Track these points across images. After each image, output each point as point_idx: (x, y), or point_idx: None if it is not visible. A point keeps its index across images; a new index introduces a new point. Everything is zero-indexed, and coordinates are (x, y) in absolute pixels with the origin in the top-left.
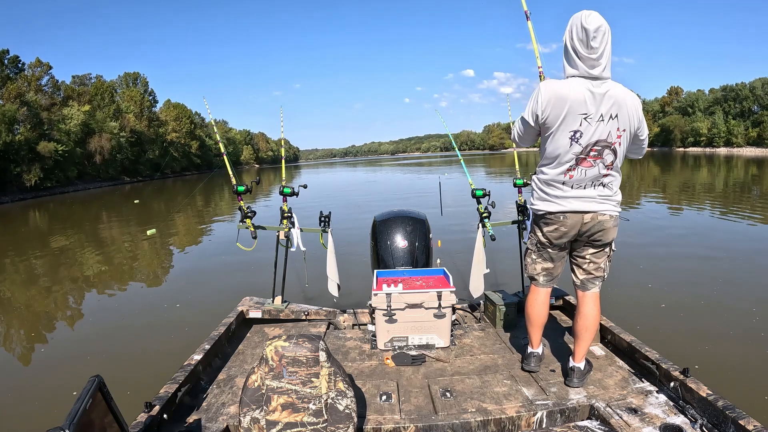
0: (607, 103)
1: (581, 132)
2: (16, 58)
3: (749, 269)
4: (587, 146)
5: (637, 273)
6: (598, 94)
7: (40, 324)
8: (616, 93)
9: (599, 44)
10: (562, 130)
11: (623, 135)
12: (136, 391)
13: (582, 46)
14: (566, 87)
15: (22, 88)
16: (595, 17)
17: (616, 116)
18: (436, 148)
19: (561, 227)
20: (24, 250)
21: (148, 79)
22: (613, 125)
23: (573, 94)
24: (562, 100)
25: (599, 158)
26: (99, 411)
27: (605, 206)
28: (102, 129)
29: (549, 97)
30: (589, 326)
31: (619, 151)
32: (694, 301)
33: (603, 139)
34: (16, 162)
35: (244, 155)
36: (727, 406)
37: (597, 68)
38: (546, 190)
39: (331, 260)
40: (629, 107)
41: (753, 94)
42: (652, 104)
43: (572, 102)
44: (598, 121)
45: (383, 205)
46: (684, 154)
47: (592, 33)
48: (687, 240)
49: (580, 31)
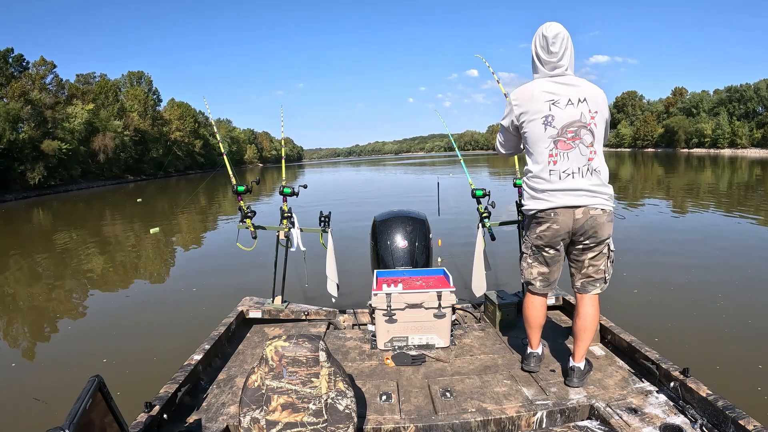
0: (573, 90)
1: (552, 115)
2: (21, 56)
3: (751, 269)
4: (562, 128)
5: (638, 273)
6: (563, 83)
7: (41, 323)
8: (580, 83)
9: (559, 48)
10: (534, 120)
11: (597, 116)
12: (136, 391)
13: (543, 51)
14: (531, 86)
15: (26, 86)
16: (554, 26)
17: (584, 99)
18: (440, 148)
19: (553, 224)
20: (27, 248)
21: (152, 78)
22: (584, 107)
23: (537, 88)
24: (530, 96)
25: (577, 138)
26: (99, 411)
27: (596, 200)
28: (106, 128)
29: (518, 98)
30: (587, 327)
31: (596, 132)
32: (695, 301)
33: (576, 119)
34: (20, 160)
35: (248, 154)
36: (727, 406)
37: (559, 69)
38: (535, 186)
39: (331, 260)
40: (596, 94)
41: (758, 95)
42: (656, 105)
43: (538, 93)
44: (567, 104)
45: (386, 203)
46: (688, 155)
47: (551, 39)
48: (689, 240)
49: (541, 39)
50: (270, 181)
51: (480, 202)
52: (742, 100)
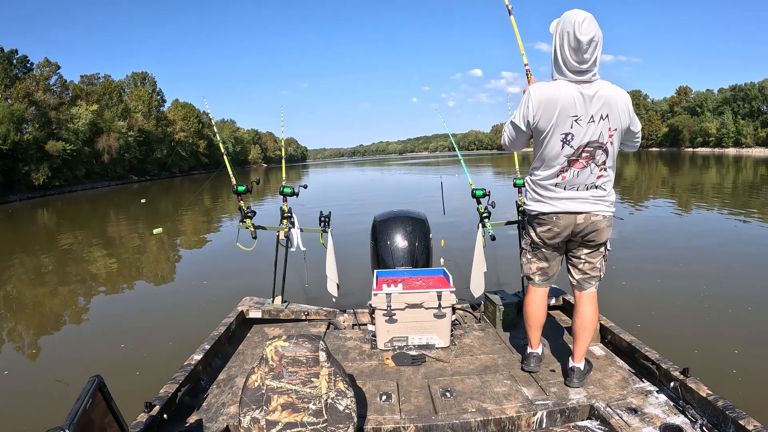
0: (597, 104)
1: (572, 134)
2: (25, 57)
3: (753, 270)
4: (579, 148)
5: (639, 273)
6: (587, 95)
7: (44, 322)
8: (605, 93)
9: (591, 56)
10: (553, 134)
11: (615, 134)
12: (136, 391)
13: (572, 54)
14: (556, 90)
15: (30, 87)
16: (586, 27)
17: (606, 116)
18: (444, 148)
19: (554, 227)
20: (31, 248)
21: (156, 78)
22: (604, 125)
23: (563, 97)
24: (553, 103)
25: (591, 159)
26: (99, 411)
27: (598, 206)
28: (110, 128)
29: (539, 100)
30: (587, 326)
31: (611, 151)
32: (695, 301)
33: (595, 140)
34: (24, 161)
35: (252, 155)
36: (727, 406)
37: (587, 74)
38: (539, 191)
39: (331, 260)
40: (619, 106)
41: (762, 94)
42: (660, 104)
43: (562, 105)
44: (588, 122)
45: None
46: (692, 155)
47: (584, 46)
48: (691, 240)
49: (572, 40)
50: (274, 181)
51: (480, 202)
52: (747, 99)
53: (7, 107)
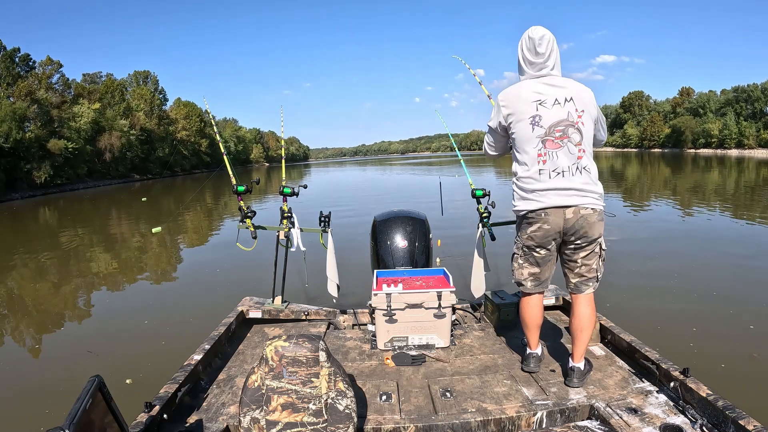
0: (560, 90)
1: (539, 115)
2: (27, 56)
3: (753, 270)
4: (550, 127)
5: (638, 273)
6: (549, 84)
7: (45, 321)
8: (566, 83)
9: (545, 49)
10: (522, 120)
11: (584, 115)
12: (136, 391)
13: (530, 53)
14: (518, 86)
15: (32, 86)
16: (539, 29)
17: (571, 99)
18: (446, 148)
19: (544, 225)
20: (33, 246)
21: (158, 77)
22: (571, 106)
23: (525, 88)
24: (517, 97)
25: (565, 137)
26: (99, 411)
27: (586, 200)
28: (112, 127)
29: (505, 99)
30: (584, 326)
31: (584, 131)
32: (695, 300)
33: (564, 118)
34: (26, 159)
35: (254, 154)
36: (727, 406)
37: (545, 69)
38: (524, 186)
39: (331, 260)
40: (582, 93)
41: (765, 95)
42: (663, 105)
43: (525, 94)
44: (554, 104)
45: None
46: (695, 156)
47: (537, 41)
48: (691, 241)
49: (527, 41)
50: (275, 181)
51: (480, 202)
52: (750, 100)
53: (9, 105)
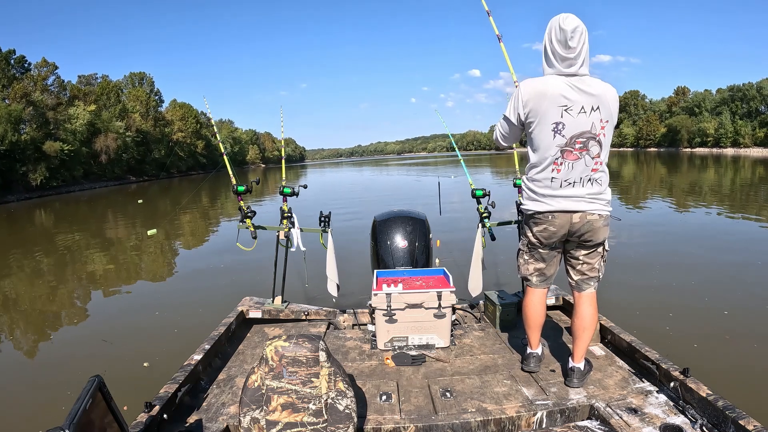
0: (588, 96)
1: (563, 123)
2: (23, 58)
3: (753, 269)
4: (572, 138)
5: (639, 273)
6: (577, 87)
7: (42, 322)
8: (595, 86)
9: (577, 44)
10: (544, 124)
11: (607, 126)
12: (136, 391)
13: (560, 46)
14: (545, 83)
15: (28, 87)
16: (572, 19)
17: (597, 108)
18: (442, 148)
19: (550, 227)
20: (29, 248)
21: (154, 78)
22: (596, 116)
23: (551, 89)
24: (542, 95)
25: (585, 150)
26: (99, 411)
27: (594, 206)
28: (108, 129)
29: (529, 93)
30: (586, 326)
31: (604, 143)
32: (696, 300)
33: (587, 130)
34: (22, 161)
35: (250, 155)
36: (727, 406)
37: (574, 66)
38: (535, 189)
39: (331, 260)
40: (609, 99)
41: (760, 94)
42: (658, 104)
43: (552, 95)
44: (579, 112)
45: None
46: (691, 155)
47: (569, 33)
48: (691, 240)
49: (558, 32)
50: (273, 181)
51: (480, 202)
52: (745, 99)
53: (4, 107)
